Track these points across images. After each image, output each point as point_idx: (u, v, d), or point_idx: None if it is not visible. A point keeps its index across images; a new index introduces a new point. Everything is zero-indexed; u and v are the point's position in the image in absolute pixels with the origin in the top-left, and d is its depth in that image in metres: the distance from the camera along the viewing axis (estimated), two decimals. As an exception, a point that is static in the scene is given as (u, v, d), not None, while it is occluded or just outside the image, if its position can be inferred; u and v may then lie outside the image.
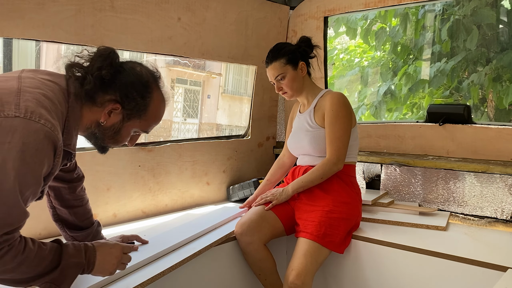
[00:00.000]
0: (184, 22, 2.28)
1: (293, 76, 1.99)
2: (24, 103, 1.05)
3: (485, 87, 4.43)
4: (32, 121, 1.04)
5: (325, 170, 1.91)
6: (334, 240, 1.79)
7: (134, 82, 1.25)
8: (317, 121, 1.99)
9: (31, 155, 1.03)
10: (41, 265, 1.08)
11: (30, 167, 1.03)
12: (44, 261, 1.09)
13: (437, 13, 4.74)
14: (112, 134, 1.28)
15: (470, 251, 1.71)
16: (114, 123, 1.26)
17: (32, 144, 1.03)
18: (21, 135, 1.01)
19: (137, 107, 1.26)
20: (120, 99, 1.23)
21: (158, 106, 1.32)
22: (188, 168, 2.46)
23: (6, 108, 1.03)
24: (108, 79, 1.21)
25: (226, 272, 1.92)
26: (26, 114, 1.04)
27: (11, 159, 1.00)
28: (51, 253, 1.11)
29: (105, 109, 1.23)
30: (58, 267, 1.11)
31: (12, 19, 1.67)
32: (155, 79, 1.32)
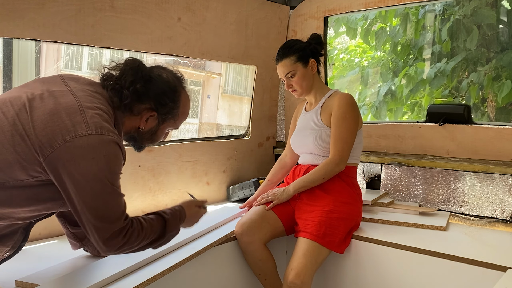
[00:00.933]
0: (184, 22, 2.28)
1: (303, 73, 1.99)
2: (91, 120, 1.19)
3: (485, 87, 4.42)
4: (104, 136, 1.19)
5: (327, 170, 1.91)
6: (334, 240, 1.79)
7: (165, 90, 1.39)
8: (324, 120, 1.99)
9: (113, 163, 1.21)
10: (154, 235, 1.33)
11: (115, 172, 1.23)
12: (155, 233, 1.33)
13: (437, 13, 4.74)
14: (150, 136, 1.44)
15: (470, 251, 1.71)
16: (152, 127, 1.42)
17: (111, 154, 1.20)
18: (101, 149, 1.18)
19: (171, 111, 1.41)
20: (155, 107, 1.38)
21: (186, 105, 1.47)
22: (188, 168, 2.46)
23: (78, 128, 1.17)
24: (142, 91, 1.35)
25: (226, 272, 1.92)
26: (97, 130, 1.18)
27: (102, 170, 1.18)
28: (158, 225, 1.35)
29: (143, 117, 1.38)
30: (165, 236, 1.37)
31: (12, 19, 1.67)
32: (180, 81, 1.46)
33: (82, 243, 1.57)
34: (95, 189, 1.17)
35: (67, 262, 1.55)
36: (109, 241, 1.21)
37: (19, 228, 1.30)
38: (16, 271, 1.44)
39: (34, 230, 1.81)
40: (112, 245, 1.22)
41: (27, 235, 1.35)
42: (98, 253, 1.59)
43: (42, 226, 1.83)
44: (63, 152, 1.14)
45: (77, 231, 1.55)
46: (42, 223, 1.81)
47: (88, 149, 1.16)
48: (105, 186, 1.19)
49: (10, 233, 1.27)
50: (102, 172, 1.18)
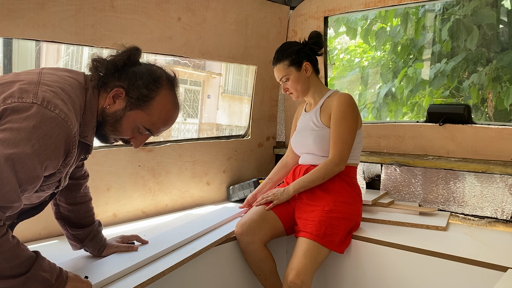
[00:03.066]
0: (184, 22, 2.28)
1: (296, 77, 1.99)
2: (42, 93, 1.08)
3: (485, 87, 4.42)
4: (47, 109, 1.06)
5: (327, 171, 1.91)
6: (334, 239, 1.79)
7: (143, 73, 1.28)
8: (323, 121, 1.99)
9: (38, 138, 1.03)
10: (10, 262, 1.02)
11: (34, 151, 1.03)
12: (14, 260, 1.03)
13: (438, 13, 4.74)
14: (113, 122, 1.28)
15: (470, 251, 1.71)
16: (117, 109, 1.27)
17: (43, 129, 1.04)
18: (34, 120, 1.04)
19: (140, 97, 1.27)
20: (126, 86, 1.26)
21: (165, 105, 1.31)
22: (188, 168, 2.46)
23: (24, 95, 1.07)
24: (120, 65, 1.26)
25: (226, 272, 1.92)
26: (43, 102, 1.06)
27: (22, 144, 1.01)
28: (24, 256, 1.05)
29: (111, 93, 1.26)
30: (24, 275, 1.04)
31: (12, 19, 1.67)
32: (168, 80, 1.34)
33: (82, 244, 1.57)
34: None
35: (67, 262, 1.55)
36: None
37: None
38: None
39: (34, 230, 1.81)
40: None
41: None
42: (99, 254, 1.59)
43: (42, 226, 1.84)
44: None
45: (77, 232, 1.54)
46: (42, 223, 1.81)
47: (22, 116, 1.03)
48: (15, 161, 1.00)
49: None
50: (22, 146, 1.01)
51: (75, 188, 1.52)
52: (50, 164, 1.09)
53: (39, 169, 1.06)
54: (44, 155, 1.06)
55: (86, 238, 1.56)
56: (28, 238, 1.80)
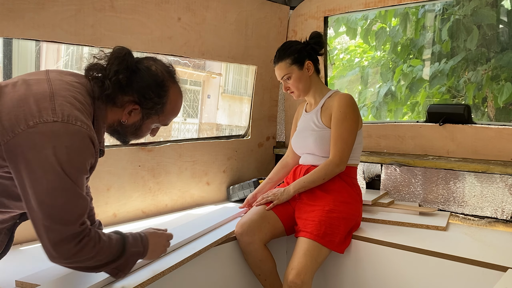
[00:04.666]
0: (184, 22, 2.28)
1: (298, 76, 1.99)
2: (60, 108, 1.11)
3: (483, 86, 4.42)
4: (70, 124, 1.11)
5: (327, 171, 1.91)
6: (334, 239, 1.79)
7: (151, 84, 1.31)
8: (324, 121, 1.99)
9: (76, 155, 1.11)
10: (111, 254, 1.21)
11: (78, 167, 1.12)
12: (113, 250, 1.21)
13: (437, 13, 4.74)
14: (134, 131, 1.37)
15: (470, 251, 1.71)
16: (135, 121, 1.34)
17: (75, 145, 1.11)
18: (64, 138, 1.09)
19: (155, 106, 1.33)
20: (139, 100, 1.30)
21: (175, 101, 1.39)
22: (188, 168, 2.46)
23: (44, 113, 1.09)
24: (125, 83, 1.28)
25: (226, 272, 1.91)
26: (64, 118, 1.10)
27: (62, 162, 1.08)
28: (117, 244, 1.23)
29: (125, 109, 1.31)
30: (123, 256, 1.25)
31: (12, 19, 1.67)
32: (170, 75, 1.37)
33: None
34: (51, 183, 1.06)
35: (67, 262, 1.55)
36: (60, 246, 1.08)
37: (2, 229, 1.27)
38: (16, 271, 1.44)
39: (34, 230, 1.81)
40: (62, 252, 1.09)
41: (12, 236, 1.32)
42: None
43: (42, 226, 1.83)
44: (24, 138, 1.06)
45: None
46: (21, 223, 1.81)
47: (51, 137, 1.07)
48: (63, 180, 1.08)
49: None
50: (62, 164, 1.07)
51: None
52: (86, 173, 1.18)
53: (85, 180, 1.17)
54: (85, 166, 1.15)
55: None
56: (28, 238, 1.80)
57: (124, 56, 1.29)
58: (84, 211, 1.14)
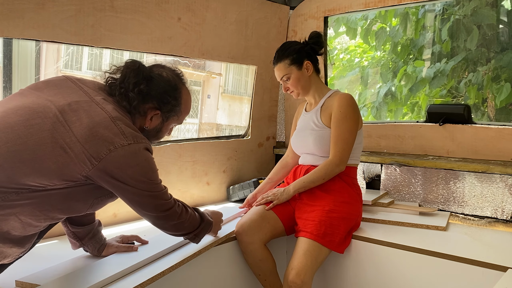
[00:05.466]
0: (184, 22, 2.28)
1: (298, 76, 1.99)
2: (126, 131, 1.30)
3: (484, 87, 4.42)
4: (140, 144, 1.32)
5: (327, 171, 1.91)
6: (334, 239, 1.79)
7: (167, 89, 1.45)
8: (324, 121, 1.99)
9: (152, 164, 1.36)
10: (194, 222, 1.52)
11: (155, 170, 1.38)
12: (195, 220, 1.53)
13: (437, 13, 4.74)
14: (155, 134, 1.51)
15: (470, 251, 1.71)
16: (156, 125, 1.48)
17: (149, 158, 1.35)
18: (141, 156, 1.31)
19: (173, 109, 1.48)
20: (158, 106, 1.44)
21: (187, 101, 1.53)
22: (188, 168, 2.46)
23: (117, 139, 1.27)
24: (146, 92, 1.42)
25: (226, 272, 1.91)
26: (134, 139, 1.30)
27: (147, 173, 1.34)
28: (195, 215, 1.54)
29: (148, 116, 1.45)
30: (200, 226, 1.55)
31: (12, 19, 1.67)
32: (179, 78, 1.51)
33: (82, 243, 1.58)
34: (146, 189, 1.33)
35: (67, 262, 1.55)
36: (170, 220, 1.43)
37: (37, 232, 1.33)
38: (16, 271, 1.44)
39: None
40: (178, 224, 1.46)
41: (41, 236, 1.38)
42: (98, 253, 1.59)
43: (42, 226, 1.83)
44: (109, 162, 1.25)
45: (77, 230, 1.55)
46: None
47: (131, 157, 1.29)
48: (153, 184, 1.36)
49: (31, 236, 1.31)
50: (148, 174, 1.33)
51: None
52: None
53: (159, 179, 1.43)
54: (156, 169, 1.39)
55: (86, 236, 1.57)
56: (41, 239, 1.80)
57: (138, 68, 1.43)
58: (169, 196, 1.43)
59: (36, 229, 1.30)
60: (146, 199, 1.36)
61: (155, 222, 1.43)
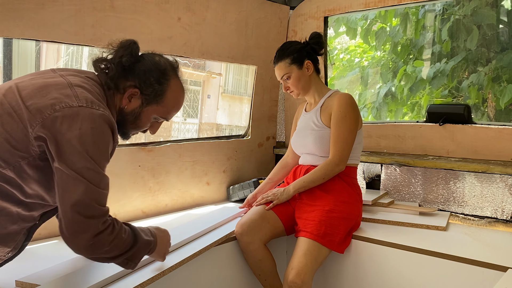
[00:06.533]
0: (184, 22, 2.28)
1: (298, 75, 1.99)
2: (82, 95, 1.18)
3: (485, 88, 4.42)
4: (94, 109, 1.17)
5: (327, 171, 1.91)
6: (334, 239, 1.79)
7: (152, 69, 1.35)
8: (323, 121, 1.99)
9: (100, 138, 1.17)
10: (126, 243, 1.22)
11: (101, 149, 1.18)
12: (127, 241, 1.22)
13: (437, 13, 4.74)
14: (133, 119, 1.37)
15: (470, 251, 1.71)
16: (134, 108, 1.35)
17: (99, 128, 1.16)
18: (89, 121, 1.14)
19: (154, 92, 1.35)
20: (139, 85, 1.33)
21: (176, 93, 1.41)
22: (188, 168, 2.46)
23: (68, 100, 1.15)
24: (128, 65, 1.32)
25: (226, 272, 1.92)
26: (88, 103, 1.16)
27: (86, 143, 1.13)
28: (130, 234, 1.25)
29: (126, 94, 1.33)
30: (135, 247, 1.25)
31: (12, 19, 1.67)
32: (173, 68, 1.41)
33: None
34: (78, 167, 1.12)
35: (67, 262, 1.55)
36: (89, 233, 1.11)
37: (22, 229, 1.28)
38: (16, 271, 1.44)
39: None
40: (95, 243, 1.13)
41: (29, 236, 1.34)
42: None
43: (42, 226, 1.82)
44: (52, 121, 1.12)
45: None
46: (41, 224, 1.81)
47: (76, 120, 1.13)
48: (89, 163, 1.13)
49: (14, 234, 1.25)
50: (86, 145, 1.13)
51: None
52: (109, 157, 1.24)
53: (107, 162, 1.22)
54: (107, 149, 1.20)
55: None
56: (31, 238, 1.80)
57: (129, 45, 1.35)
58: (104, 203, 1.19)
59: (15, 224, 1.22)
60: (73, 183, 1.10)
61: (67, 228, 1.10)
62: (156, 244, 1.36)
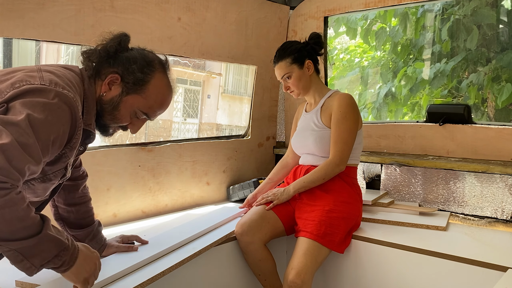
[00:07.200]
0: (184, 22, 2.28)
1: (299, 75, 1.99)
2: (48, 77, 1.13)
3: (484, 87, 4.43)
4: (57, 90, 1.10)
5: (327, 171, 1.91)
6: (334, 239, 1.79)
7: (136, 58, 1.30)
8: (324, 121, 1.99)
9: (49, 112, 1.07)
10: (23, 222, 0.99)
11: (46, 123, 1.06)
12: (27, 220, 1.00)
13: (437, 13, 4.74)
14: (111, 109, 1.29)
15: (470, 251, 1.71)
16: (113, 96, 1.28)
17: (54, 104, 1.08)
18: (46, 97, 1.08)
19: (136, 82, 1.28)
20: (121, 72, 1.28)
21: (160, 88, 1.33)
22: (188, 168, 2.46)
23: (31, 79, 1.10)
24: (112, 52, 1.28)
25: (226, 272, 1.92)
26: (51, 84, 1.11)
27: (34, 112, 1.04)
28: (36, 217, 1.03)
29: (106, 79, 1.27)
30: (37, 235, 1.02)
31: (12, 19, 1.67)
32: (161, 63, 1.35)
33: (82, 244, 1.55)
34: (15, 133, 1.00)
35: (67, 262, 1.55)
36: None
37: None
38: (16, 271, 1.43)
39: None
40: None
41: None
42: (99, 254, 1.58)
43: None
44: (8, 96, 1.06)
45: (77, 233, 1.54)
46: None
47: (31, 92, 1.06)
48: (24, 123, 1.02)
49: None
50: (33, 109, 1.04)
51: (73, 189, 1.52)
52: (57, 140, 1.11)
53: (50, 140, 1.08)
54: (55, 126, 1.09)
55: (86, 238, 1.56)
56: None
57: (120, 35, 1.31)
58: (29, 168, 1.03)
59: None
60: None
61: None
62: (73, 256, 1.10)
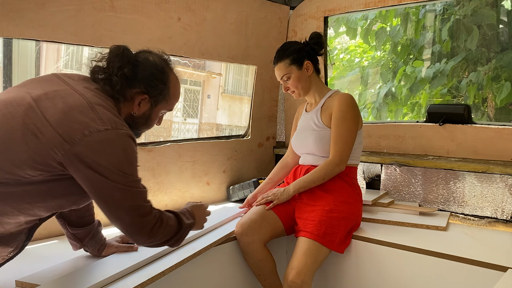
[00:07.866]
0: (184, 22, 2.28)
1: (298, 76, 1.99)
2: (104, 116, 1.22)
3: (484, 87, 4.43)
4: (119, 130, 1.23)
5: (327, 171, 1.91)
6: (334, 239, 1.79)
7: (154, 72, 1.39)
8: (324, 121, 1.99)
9: (131, 155, 1.26)
10: (174, 228, 1.36)
11: (133, 163, 1.27)
12: (174, 226, 1.36)
13: (438, 13, 4.74)
14: (145, 121, 1.44)
15: (470, 251, 1.71)
16: (145, 111, 1.42)
17: (129, 147, 1.25)
18: (119, 143, 1.23)
19: (161, 93, 1.41)
20: (146, 90, 1.38)
21: (176, 86, 1.48)
22: (188, 168, 2.46)
23: (93, 123, 1.20)
24: (130, 75, 1.36)
25: (226, 272, 1.92)
26: (112, 125, 1.22)
27: (121, 163, 1.22)
28: (175, 220, 1.38)
29: (135, 101, 1.38)
30: (180, 231, 1.39)
31: (12, 19, 1.67)
32: (166, 63, 1.46)
33: (82, 244, 1.58)
34: (120, 182, 1.21)
35: (67, 262, 1.55)
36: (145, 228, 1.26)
37: (24, 229, 1.30)
38: (16, 271, 1.44)
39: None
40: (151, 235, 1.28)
41: (30, 235, 1.35)
42: (98, 253, 1.59)
43: (42, 226, 1.81)
44: (83, 146, 1.17)
45: (77, 231, 1.55)
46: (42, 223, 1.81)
47: (107, 144, 1.20)
48: (128, 178, 1.23)
49: (16, 234, 1.27)
50: (122, 165, 1.22)
51: None
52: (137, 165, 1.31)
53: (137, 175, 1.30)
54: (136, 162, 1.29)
55: (86, 237, 1.56)
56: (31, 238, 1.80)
57: (123, 52, 1.37)
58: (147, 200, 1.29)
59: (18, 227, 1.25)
60: (119, 193, 1.21)
61: (129, 229, 1.27)
62: (195, 223, 1.50)
